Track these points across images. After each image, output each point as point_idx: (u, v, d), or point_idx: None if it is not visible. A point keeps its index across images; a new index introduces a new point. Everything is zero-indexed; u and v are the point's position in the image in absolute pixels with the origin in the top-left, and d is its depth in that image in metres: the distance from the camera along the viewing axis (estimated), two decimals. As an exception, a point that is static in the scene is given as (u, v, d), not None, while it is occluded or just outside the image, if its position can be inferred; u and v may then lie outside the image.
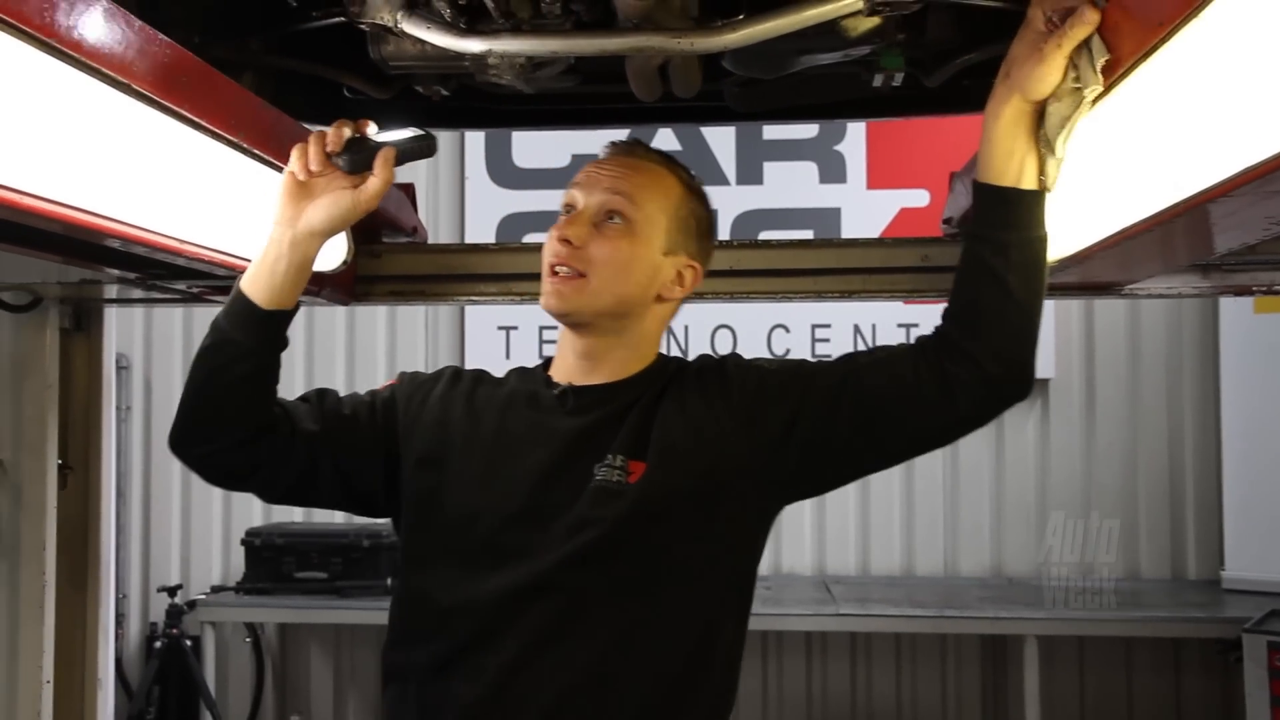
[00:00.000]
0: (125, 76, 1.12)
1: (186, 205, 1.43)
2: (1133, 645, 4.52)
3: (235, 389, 1.45)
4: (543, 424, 1.50)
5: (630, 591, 1.42)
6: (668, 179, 1.54)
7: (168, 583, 4.65)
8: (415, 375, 1.63)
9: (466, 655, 1.42)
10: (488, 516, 1.45)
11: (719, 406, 1.48)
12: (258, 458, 1.49)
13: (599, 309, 1.49)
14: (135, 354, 4.98)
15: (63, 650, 2.05)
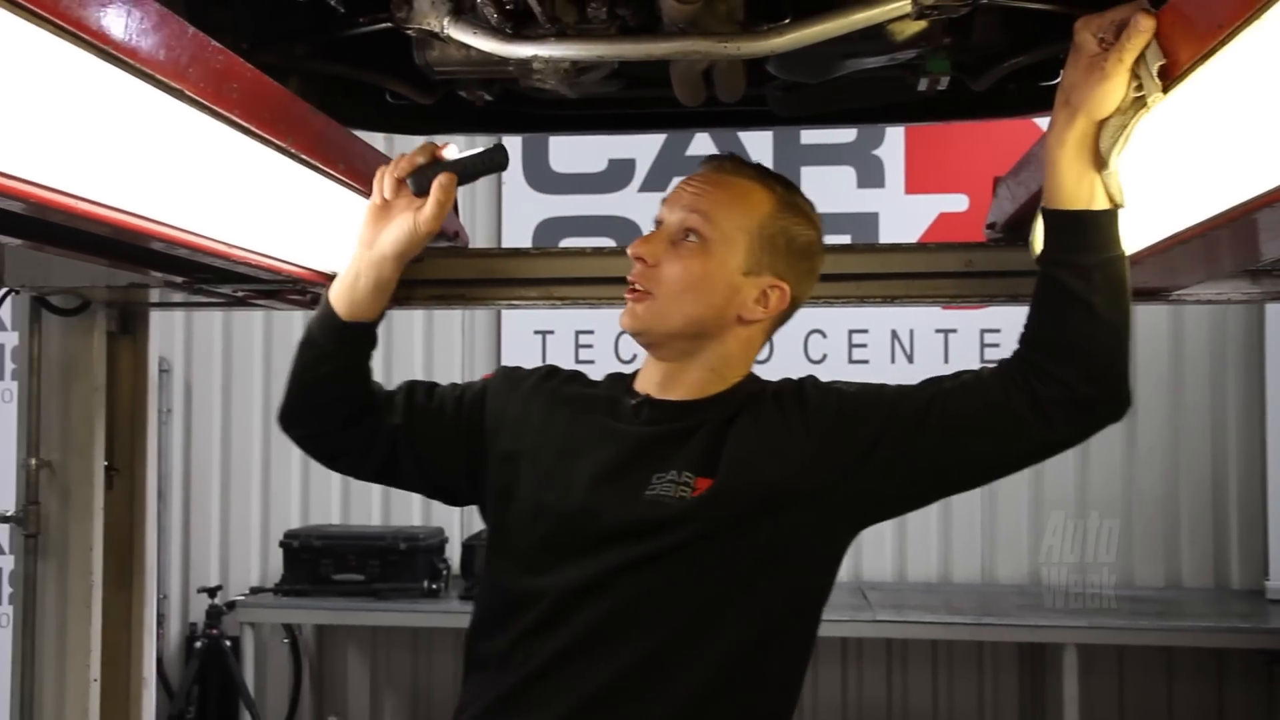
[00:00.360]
0: (178, 82, 1.13)
1: (234, 209, 1.44)
2: (1174, 655, 4.47)
3: (321, 386, 1.60)
4: (613, 429, 1.52)
5: (682, 601, 1.43)
6: (756, 195, 1.51)
7: (207, 584, 4.69)
8: (512, 371, 1.67)
9: (521, 643, 1.47)
10: (550, 513, 1.49)
11: (795, 427, 1.47)
12: (346, 445, 1.64)
13: (668, 329, 1.50)
14: (176, 358, 5.03)
15: (109, 649, 2.07)
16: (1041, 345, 1.39)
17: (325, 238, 1.72)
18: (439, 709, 4.88)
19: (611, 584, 1.43)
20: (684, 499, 1.43)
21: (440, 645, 4.87)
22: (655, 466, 1.46)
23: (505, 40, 1.47)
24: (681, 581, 1.43)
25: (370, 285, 1.57)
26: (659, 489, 1.44)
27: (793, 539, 1.45)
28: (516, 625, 1.48)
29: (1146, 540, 4.61)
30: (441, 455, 1.61)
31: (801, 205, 1.54)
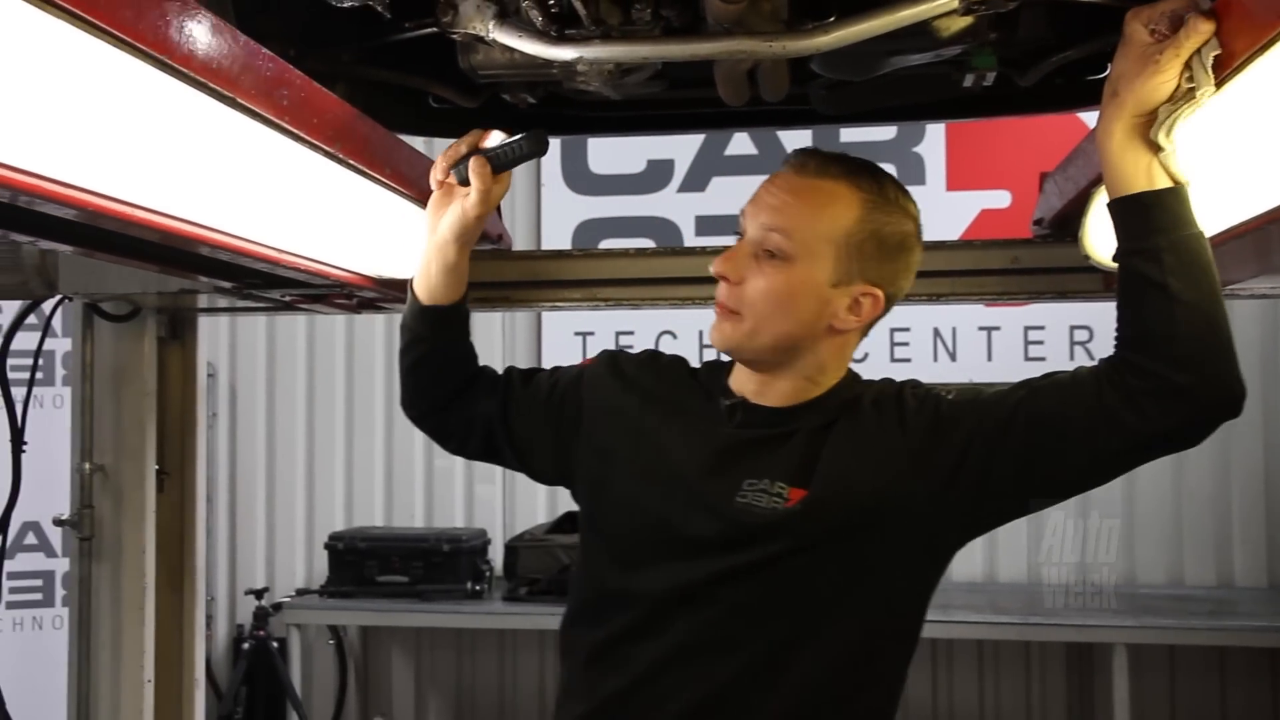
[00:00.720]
0: (230, 90, 1.14)
1: (283, 215, 1.45)
2: (1226, 655, 4.41)
3: (418, 369, 1.69)
4: (706, 431, 1.51)
5: (779, 613, 1.42)
6: (843, 199, 1.45)
7: (254, 586, 4.74)
8: (614, 358, 1.67)
9: (618, 645, 1.48)
10: (641, 514, 1.50)
11: (892, 437, 1.44)
12: (450, 427, 1.73)
13: (759, 348, 1.47)
14: (221, 363, 5.08)
15: (161, 650, 2.09)
16: (1130, 341, 1.32)
17: (372, 242, 1.73)
18: (482, 709, 4.90)
19: (707, 595, 1.43)
20: (775, 509, 1.42)
21: (483, 646, 4.89)
22: (747, 471, 1.45)
23: (550, 43, 1.48)
24: (777, 594, 1.42)
25: (439, 270, 1.62)
26: (750, 497, 1.43)
27: (892, 551, 1.43)
28: (612, 624, 1.49)
29: (1197, 540, 4.55)
30: (534, 442, 1.66)
31: (892, 197, 1.48)
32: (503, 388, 1.69)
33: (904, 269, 1.50)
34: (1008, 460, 1.38)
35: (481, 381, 1.70)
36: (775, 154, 4.69)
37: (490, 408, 1.67)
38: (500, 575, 4.57)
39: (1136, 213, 1.29)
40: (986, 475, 1.39)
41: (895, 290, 1.50)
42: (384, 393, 5.01)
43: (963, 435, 1.40)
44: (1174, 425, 1.31)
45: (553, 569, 4.34)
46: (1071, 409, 1.35)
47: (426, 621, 4.52)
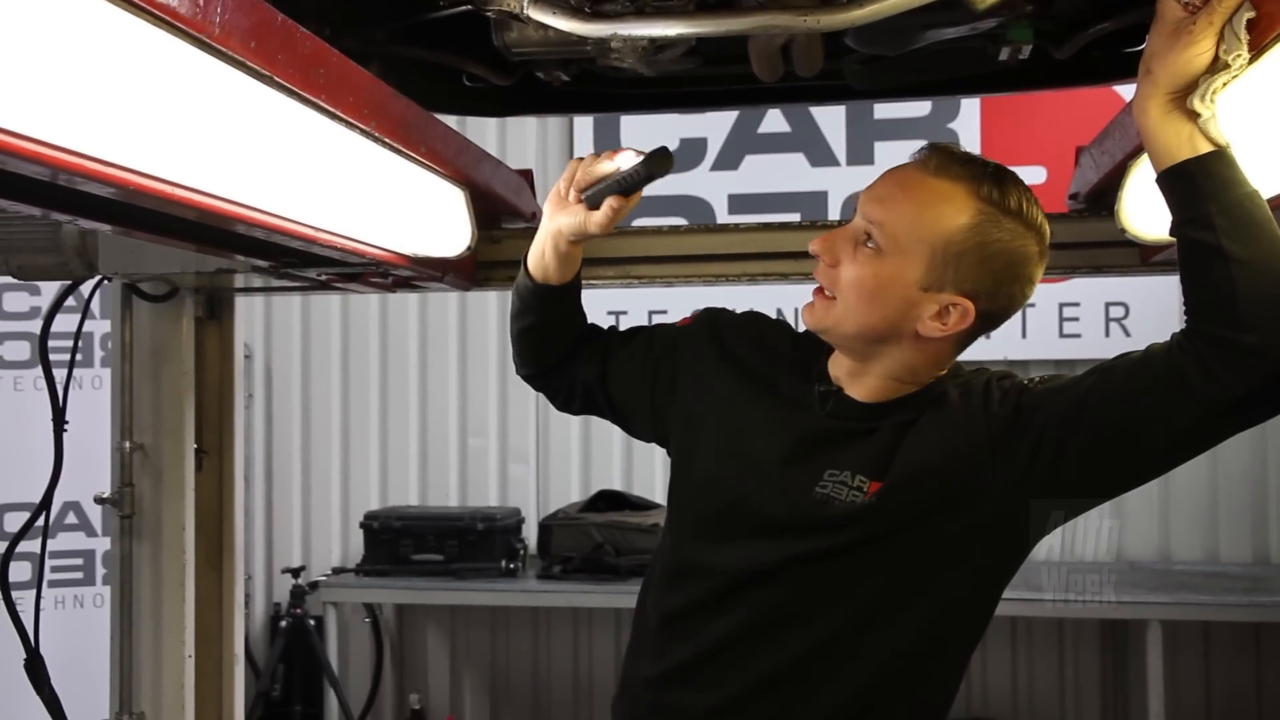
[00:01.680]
0: (268, 68, 1.14)
1: (319, 193, 1.46)
2: (1262, 631, 4.38)
3: (525, 335, 1.74)
4: (794, 416, 1.52)
5: (850, 597, 1.44)
6: (954, 202, 1.40)
7: (290, 564, 4.79)
8: (715, 319, 1.68)
9: (691, 614, 1.52)
10: (723, 491, 1.52)
11: (975, 425, 1.43)
12: (554, 388, 1.79)
13: (845, 334, 1.47)
14: (257, 344, 5.12)
15: (201, 627, 2.12)
16: (1196, 310, 1.30)
17: (407, 220, 1.74)
18: (516, 687, 4.94)
19: (783, 574, 1.46)
20: (853, 503, 1.43)
21: (518, 624, 4.92)
22: (829, 462, 1.46)
23: (584, 20, 1.48)
24: (851, 579, 1.44)
25: (552, 254, 1.65)
26: (830, 488, 1.45)
27: (971, 539, 1.44)
28: (687, 593, 1.53)
29: (1233, 516, 4.51)
30: (632, 405, 1.71)
31: (1015, 209, 1.42)
32: (601, 351, 1.73)
33: (1010, 286, 1.45)
34: (1082, 442, 1.37)
35: (585, 343, 1.75)
36: (808, 132, 4.71)
37: (589, 372, 1.72)
38: (534, 554, 4.60)
39: (1183, 182, 1.27)
40: (1061, 458, 1.38)
41: (997, 307, 1.45)
42: (417, 373, 5.03)
43: (1040, 421, 1.39)
44: (1249, 388, 1.27)
45: (586, 547, 4.36)
46: (1143, 384, 1.33)
47: (461, 600, 4.55)
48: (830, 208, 4.71)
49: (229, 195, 1.25)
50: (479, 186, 1.86)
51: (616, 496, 4.63)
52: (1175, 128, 1.26)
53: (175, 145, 1.11)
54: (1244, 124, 1.27)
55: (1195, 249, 1.27)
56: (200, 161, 1.17)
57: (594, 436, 4.94)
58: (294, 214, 1.42)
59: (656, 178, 1.53)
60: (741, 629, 1.48)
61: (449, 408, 5.04)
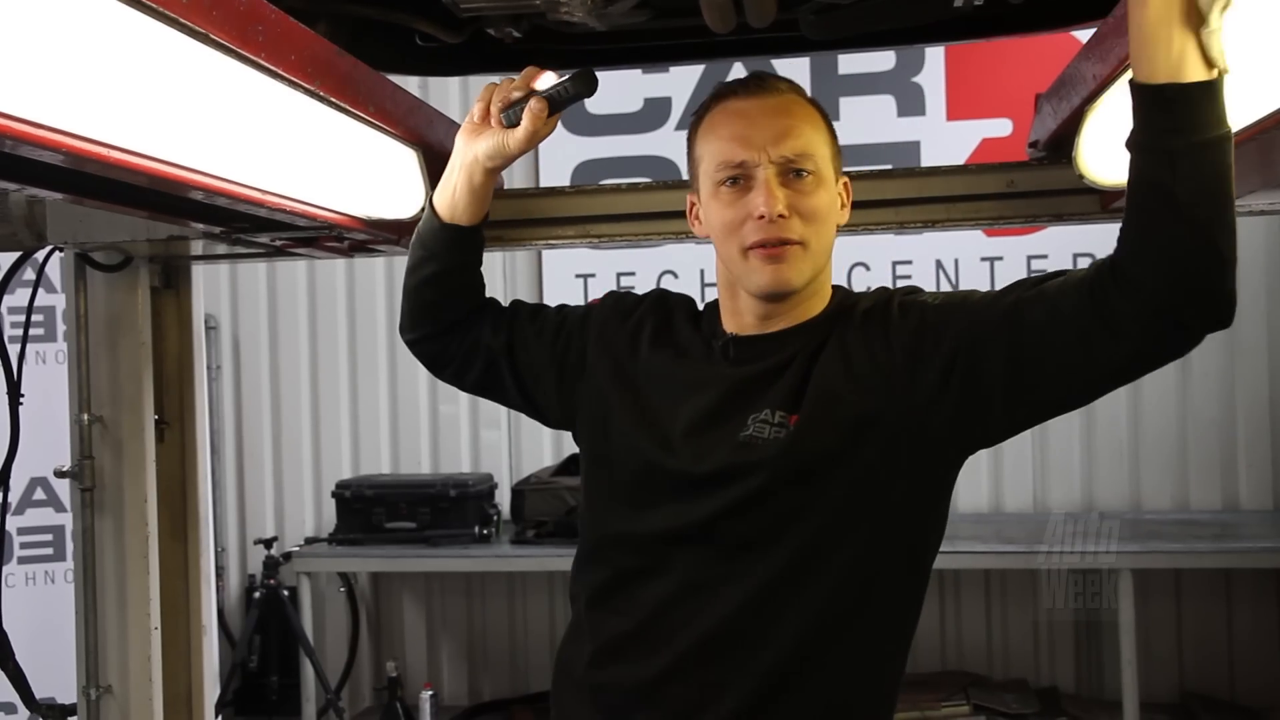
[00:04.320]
0: (203, 25, 1.12)
1: (267, 156, 1.44)
2: (1232, 577, 4.43)
3: (425, 286, 1.67)
4: (706, 374, 1.51)
5: (780, 544, 1.41)
6: (812, 110, 1.53)
7: (263, 535, 4.77)
8: (621, 300, 1.67)
9: (623, 585, 1.50)
10: (645, 457, 1.50)
11: (879, 352, 1.43)
12: (449, 353, 1.71)
13: (816, 270, 1.49)
14: (223, 315, 5.08)
15: (167, 599, 2.11)
16: (1124, 244, 1.24)
17: (359, 182, 1.71)
18: (493, 652, 4.95)
19: (712, 529, 1.44)
20: (776, 439, 1.41)
21: (493, 589, 4.93)
22: (749, 408, 1.45)
23: (530, -29, 1.45)
24: (779, 523, 1.42)
25: (464, 189, 1.61)
26: (752, 430, 1.43)
27: (890, 469, 1.41)
28: (616, 565, 1.51)
29: (1203, 464, 4.55)
30: (538, 378, 1.66)
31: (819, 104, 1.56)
32: (508, 320, 1.69)
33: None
34: (996, 368, 1.34)
35: (487, 312, 1.71)
36: (772, 88, 4.66)
37: (495, 339, 1.68)
38: (508, 519, 4.60)
39: (1158, 106, 1.16)
40: (975, 382, 1.36)
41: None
42: (386, 339, 5.01)
43: (950, 343, 1.37)
44: (1159, 347, 1.27)
45: (559, 511, 4.36)
46: (1051, 325, 1.31)
47: (435, 566, 4.56)
48: (797, 165, 4.69)
49: (175, 159, 1.23)
50: (432, 147, 1.83)
51: (589, 459, 4.63)
52: (1170, 35, 1.13)
53: (117, 108, 1.09)
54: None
55: (1146, 182, 1.20)
56: (144, 124, 1.15)
57: (566, 400, 4.93)
58: (241, 177, 1.39)
59: (582, 97, 1.51)
60: (673, 594, 1.45)
61: (419, 374, 5.01)
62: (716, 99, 1.53)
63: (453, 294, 1.69)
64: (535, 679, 4.90)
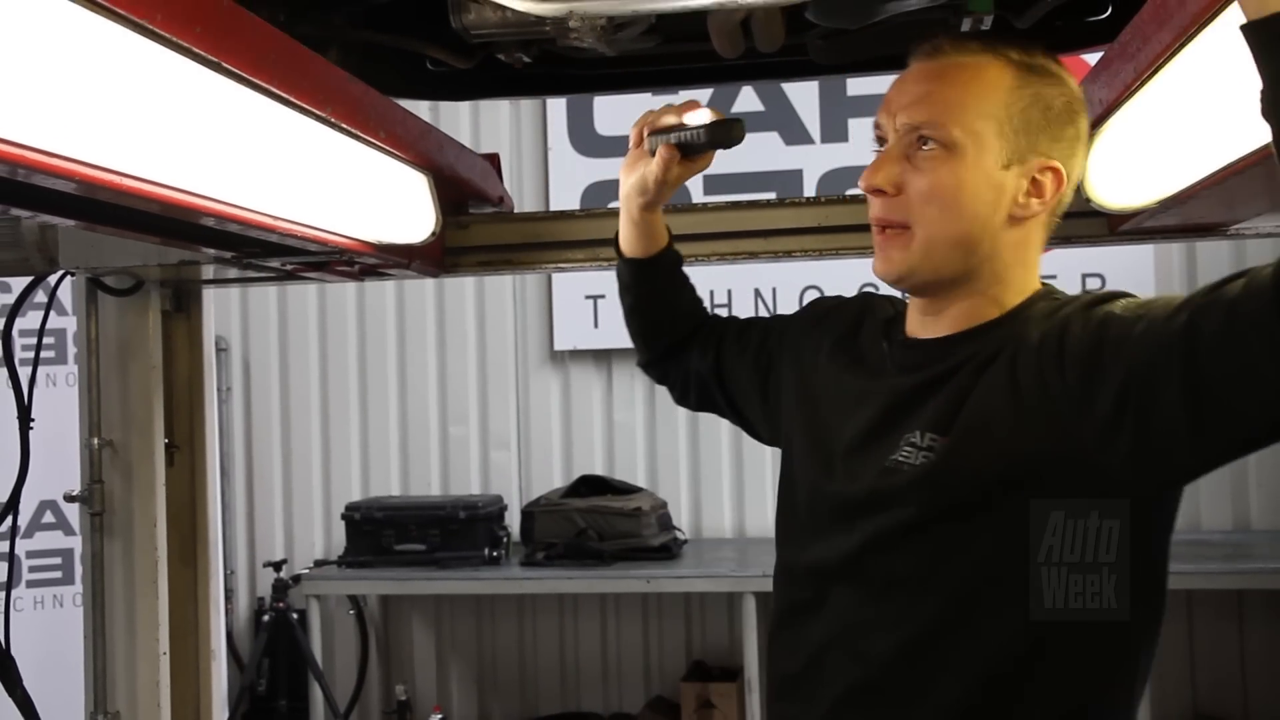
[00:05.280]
0: (216, 55, 1.13)
1: (279, 182, 1.44)
2: (1244, 598, 4.41)
3: (628, 318, 1.72)
4: (869, 387, 1.35)
5: (931, 587, 1.23)
6: (990, 69, 1.27)
7: (273, 558, 4.78)
8: (817, 305, 1.59)
9: (790, 622, 1.38)
10: (811, 480, 1.38)
11: (1051, 376, 1.18)
12: (671, 378, 1.74)
13: (937, 264, 1.28)
14: (234, 337, 5.10)
15: (176, 623, 2.10)
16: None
17: (370, 207, 1.72)
18: (503, 674, 4.94)
19: (862, 563, 1.28)
20: (920, 465, 1.23)
21: (503, 612, 4.92)
22: (904, 426, 1.27)
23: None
24: (927, 564, 1.23)
25: (626, 223, 1.63)
26: (900, 454, 1.25)
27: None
28: (787, 597, 1.40)
29: (1213, 483, 4.53)
30: (746, 397, 1.62)
31: (1045, 64, 1.29)
32: (716, 341, 1.66)
33: (1078, 141, 1.30)
34: (1173, 397, 1.08)
35: (700, 333, 1.69)
36: (782, 110, 4.68)
37: (703, 362, 1.66)
38: (517, 541, 4.59)
39: (1273, 43, 0.93)
40: (1150, 418, 1.10)
41: (1073, 167, 1.29)
42: (396, 362, 5.02)
43: (1123, 369, 1.12)
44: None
45: (569, 533, 4.36)
46: (1233, 333, 1.04)
47: (445, 589, 4.55)
48: (806, 185, 4.71)
49: (187, 186, 1.23)
50: (443, 171, 1.84)
51: (599, 481, 4.63)
52: None
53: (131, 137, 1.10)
54: (1212, 80, 1.23)
55: (1277, 141, 0.95)
56: (156, 152, 1.16)
57: (575, 421, 4.94)
58: (252, 203, 1.40)
59: (720, 146, 1.49)
60: (834, 633, 1.30)
61: (429, 396, 5.02)
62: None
63: (655, 322, 1.71)
64: (545, 702, 4.88)
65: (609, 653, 4.89)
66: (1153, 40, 1.32)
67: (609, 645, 4.90)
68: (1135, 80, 1.36)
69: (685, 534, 4.67)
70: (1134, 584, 1.23)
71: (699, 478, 4.86)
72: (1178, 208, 1.64)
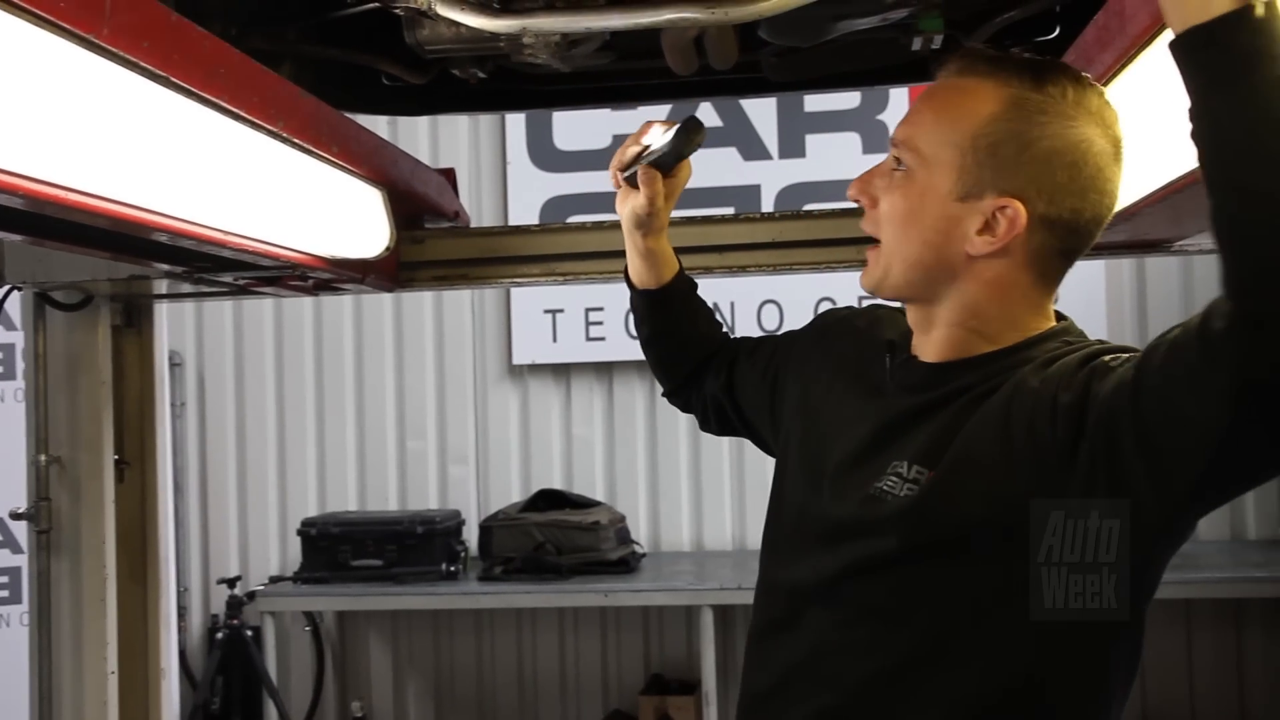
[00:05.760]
0: (164, 69, 1.12)
1: (230, 197, 1.44)
2: (1193, 606, 4.46)
3: (646, 349, 1.72)
4: (866, 406, 1.32)
5: (905, 621, 1.21)
6: (978, 94, 1.20)
7: (227, 574, 4.72)
8: (825, 316, 1.56)
9: (764, 638, 1.36)
10: (798, 499, 1.36)
11: (1041, 423, 1.14)
12: (693, 405, 1.72)
13: (896, 282, 1.27)
14: (188, 351, 5.04)
15: (126, 642, 2.08)
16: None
17: (324, 222, 1.71)
18: (461, 690, 4.91)
19: (842, 587, 1.25)
20: (904, 498, 1.20)
21: (460, 627, 4.89)
22: (896, 452, 1.23)
23: (493, 15, 1.47)
24: (904, 597, 1.21)
25: (632, 255, 1.63)
26: (885, 482, 1.22)
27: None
28: (766, 612, 1.37)
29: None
30: (759, 413, 1.59)
31: (1058, 95, 1.18)
32: (729, 360, 1.64)
33: (1076, 184, 1.19)
34: (1129, 445, 1.07)
35: (716, 358, 1.66)
36: (740, 125, 4.71)
37: (716, 382, 1.64)
38: (475, 555, 4.57)
39: (1192, 56, 0.92)
40: (1114, 467, 1.09)
41: (1063, 212, 1.19)
42: (353, 375, 4.98)
43: (1095, 424, 1.10)
44: (1259, 373, 0.94)
45: (527, 547, 4.35)
46: (1169, 368, 1.03)
47: (402, 604, 4.51)
48: (764, 200, 4.73)
49: (137, 201, 1.22)
50: (397, 186, 1.84)
51: (557, 495, 4.62)
52: None
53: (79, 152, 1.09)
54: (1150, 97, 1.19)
55: (1200, 158, 0.94)
56: (104, 167, 1.15)
57: (533, 435, 4.92)
58: (203, 218, 1.39)
59: (686, 153, 1.50)
60: (807, 655, 1.28)
61: (386, 410, 4.99)
62: None
63: (673, 351, 1.69)
64: (503, 717, 4.86)
65: (567, 667, 4.88)
66: (1096, 61, 1.35)
67: (567, 659, 4.88)
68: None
69: (643, 547, 4.66)
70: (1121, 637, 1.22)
71: (657, 491, 4.87)
72: (1124, 224, 1.66)
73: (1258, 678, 4.44)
